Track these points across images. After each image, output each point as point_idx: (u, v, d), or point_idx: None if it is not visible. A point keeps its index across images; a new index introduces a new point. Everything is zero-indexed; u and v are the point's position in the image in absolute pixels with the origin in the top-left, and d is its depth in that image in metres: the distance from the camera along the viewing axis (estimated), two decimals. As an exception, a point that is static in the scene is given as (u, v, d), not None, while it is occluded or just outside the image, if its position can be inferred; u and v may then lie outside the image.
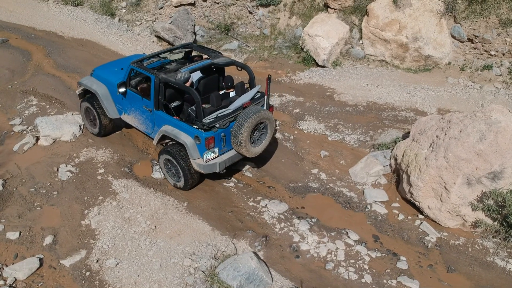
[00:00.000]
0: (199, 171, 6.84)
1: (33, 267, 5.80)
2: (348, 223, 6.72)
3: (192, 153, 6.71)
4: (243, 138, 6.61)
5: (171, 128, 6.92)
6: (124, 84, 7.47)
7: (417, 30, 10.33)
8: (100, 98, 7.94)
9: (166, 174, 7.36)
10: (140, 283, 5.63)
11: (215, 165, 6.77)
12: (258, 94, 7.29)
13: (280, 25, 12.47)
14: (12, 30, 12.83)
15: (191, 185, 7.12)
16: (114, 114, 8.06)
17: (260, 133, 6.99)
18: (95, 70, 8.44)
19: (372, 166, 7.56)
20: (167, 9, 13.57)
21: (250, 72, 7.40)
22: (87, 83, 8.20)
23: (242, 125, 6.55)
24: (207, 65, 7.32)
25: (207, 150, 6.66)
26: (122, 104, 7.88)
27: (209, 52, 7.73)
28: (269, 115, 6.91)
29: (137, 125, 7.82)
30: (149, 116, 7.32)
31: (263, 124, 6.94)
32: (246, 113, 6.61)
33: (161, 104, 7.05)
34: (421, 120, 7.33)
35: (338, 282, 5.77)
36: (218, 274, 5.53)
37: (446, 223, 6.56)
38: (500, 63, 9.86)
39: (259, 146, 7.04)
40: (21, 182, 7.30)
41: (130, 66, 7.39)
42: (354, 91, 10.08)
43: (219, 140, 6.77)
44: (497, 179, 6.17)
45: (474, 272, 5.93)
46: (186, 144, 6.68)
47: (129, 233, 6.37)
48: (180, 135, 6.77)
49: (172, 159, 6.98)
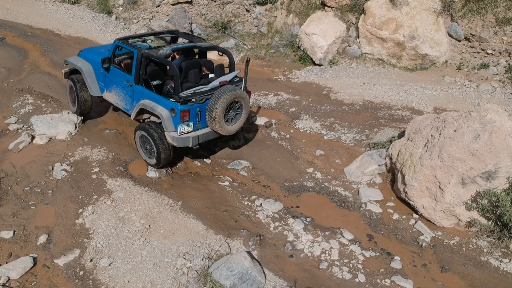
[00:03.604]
0: (172, 143, 7.11)
1: (26, 266, 5.77)
2: (342, 222, 6.72)
3: (167, 125, 6.98)
4: (218, 113, 6.89)
5: (148, 102, 7.25)
6: (108, 60, 7.89)
7: (414, 29, 10.32)
8: (84, 75, 8.36)
9: (140, 151, 7.67)
10: (134, 283, 5.62)
11: (188, 139, 7.05)
12: (237, 78, 7.58)
13: (277, 23, 12.45)
14: (9, 28, 12.80)
15: (163, 162, 7.37)
16: (96, 92, 8.46)
17: (235, 112, 7.29)
18: (82, 51, 8.94)
19: (367, 165, 7.55)
20: (164, 7, 13.54)
21: (230, 56, 7.75)
22: (73, 61, 8.70)
23: (217, 100, 6.85)
24: (190, 47, 7.71)
25: (182, 123, 6.94)
26: (104, 81, 8.31)
27: (193, 38, 8.16)
28: (245, 95, 7.21)
29: (117, 102, 8.19)
30: (129, 91, 7.70)
31: (239, 104, 7.23)
32: (222, 90, 6.93)
33: (141, 79, 7.41)
34: (416, 119, 7.33)
35: (332, 281, 5.76)
36: (211, 274, 5.52)
37: (440, 222, 6.56)
38: (497, 62, 9.85)
39: (234, 125, 7.32)
40: (16, 181, 7.28)
41: (116, 43, 7.87)
42: (350, 89, 10.07)
43: (195, 114, 7.05)
44: (491, 179, 6.17)
45: (468, 272, 5.92)
46: (162, 116, 6.96)
47: (123, 232, 6.35)
48: (156, 108, 7.07)
49: (146, 135, 7.28)
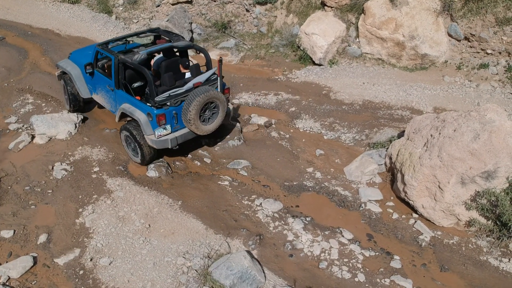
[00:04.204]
0: (152, 146, 7.31)
1: (27, 266, 5.80)
2: (342, 222, 6.73)
3: (146, 129, 7.18)
4: (192, 115, 7.03)
5: (128, 106, 7.45)
6: (91, 65, 8.05)
7: (414, 29, 10.32)
8: (73, 78, 8.60)
9: (127, 149, 7.89)
10: (134, 282, 5.64)
11: (167, 141, 7.23)
12: (214, 76, 7.66)
13: (277, 23, 12.45)
14: (9, 28, 12.80)
15: (147, 160, 7.61)
16: (85, 94, 8.70)
17: (211, 112, 7.41)
18: (72, 53, 9.15)
19: (367, 165, 7.56)
20: (164, 7, 13.54)
21: (206, 55, 7.88)
22: (63, 65, 8.87)
23: (190, 103, 6.98)
24: (167, 47, 7.72)
25: (159, 127, 7.12)
26: (91, 84, 8.53)
27: (172, 36, 8.21)
28: (219, 95, 7.31)
29: (104, 104, 8.44)
30: (112, 95, 7.91)
31: (214, 104, 7.34)
32: (195, 92, 7.04)
33: (121, 84, 7.56)
34: (416, 119, 7.33)
35: (332, 281, 5.77)
36: (211, 273, 5.53)
37: (440, 222, 6.57)
38: (497, 62, 9.85)
39: (211, 124, 7.46)
40: (16, 181, 7.30)
41: (96, 49, 8.07)
42: (350, 89, 10.07)
43: (171, 117, 7.22)
44: (490, 179, 6.17)
45: (467, 271, 5.93)
46: (140, 121, 7.16)
47: (123, 231, 6.37)
48: (135, 112, 7.27)
49: (130, 135, 7.49)
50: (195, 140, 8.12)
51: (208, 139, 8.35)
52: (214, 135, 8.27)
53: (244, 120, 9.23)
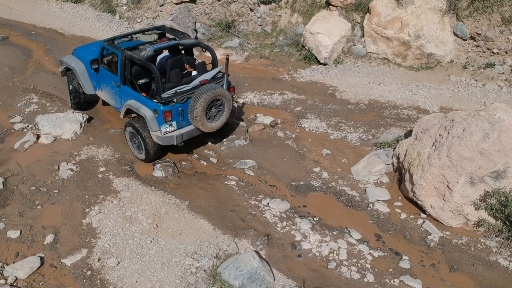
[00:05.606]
0: (158, 142, 7.31)
1: (34, 266, 5.77)
2: (350, 222, 6.69)
3: (151, 126, 7.19)
4: (198, 112, 7.06)
5: (134, 102, 7.46)
6: (97, 61, 8.13)
7: (419, 28, 10.28)
8: (78, 74, 8.60)
9: (130, 146, 7.90)
10: (142, 282, 5.61)
11: (172, 138, 7.25)
12: (220, 74, 7.69)
13: (281, 22, 12.41)
14: (13, 28, 12.80)
15: (151, 157, 7.61)
16: (90, 90, 8.72)
17: (217, 109, 7.45)
18: (76, 49, 9.18)
19: (374, 164, 7.52)
20: (168, 6, 13.52)
21: (212, 53, 7.92)
22: (67, 60, 8.87)
23: (197, 100, 7.01)
24: (173, 45, 7.81)
25: (165, 123, 7.15)
26: (96, 80, 8.52)
27: (178, 34, 8.24)
28: (225, 93, 7.36)
29: (109, 100, 8.45)
30: (117, 91, 7.93)
31: (220, 101, 7.36)
32: (202, 90, 7.07)
33: (127, 80, 7.61)
34: (423, 118, 7.30)
35: (341, 281, 5.74)
36: (220, 274, 5.50)
37: (448, 222, 6.53)
38: (503, 61, 9.81)
39: (216, 122, 7.49)
40: (21, 181, 7.27)
41: (102, 45, 8.07)
42: (356, 89, 10.04)
43: (177, 114, 7.26)
44: (500, 178, 6.14)
45: (476, 272, 5.90)
46: (146, 117, 7.17)
47: (130, 232, 6.34)
48: (141, 108, 7.28)
49: (135, 132, 7.50)
50: (200, 139, 8.09)
51: (214, 138, 8.32)
52: (220, 134, 8.25)
53: (249, 120, 9.20)
